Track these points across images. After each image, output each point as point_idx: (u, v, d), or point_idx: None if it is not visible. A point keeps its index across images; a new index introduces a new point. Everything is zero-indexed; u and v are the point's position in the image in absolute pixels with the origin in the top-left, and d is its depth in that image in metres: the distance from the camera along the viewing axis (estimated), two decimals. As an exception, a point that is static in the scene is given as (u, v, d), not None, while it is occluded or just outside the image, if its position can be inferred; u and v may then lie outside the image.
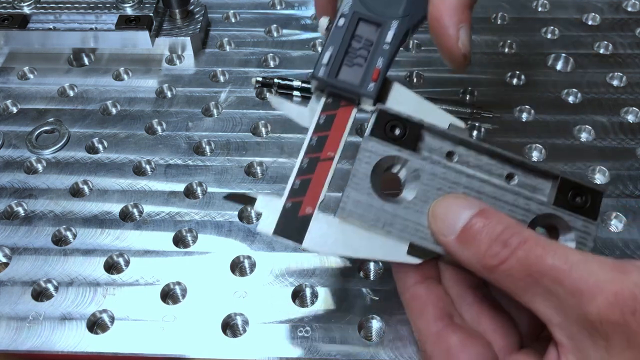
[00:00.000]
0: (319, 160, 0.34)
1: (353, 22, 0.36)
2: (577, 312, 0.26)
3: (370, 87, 0.35)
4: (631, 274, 0.26)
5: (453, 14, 0.34)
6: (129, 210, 0.47)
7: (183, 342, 0.39)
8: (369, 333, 0.40)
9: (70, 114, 0.53)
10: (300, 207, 0.33)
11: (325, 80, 0.35)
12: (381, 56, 0.35)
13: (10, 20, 0.56)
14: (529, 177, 0.33)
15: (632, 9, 0.63)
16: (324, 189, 0.34)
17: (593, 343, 0.26)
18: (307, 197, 0.34)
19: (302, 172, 0.34)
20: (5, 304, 0.41)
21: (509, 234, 0.28)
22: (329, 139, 0.35)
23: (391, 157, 0.33)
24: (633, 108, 0.53)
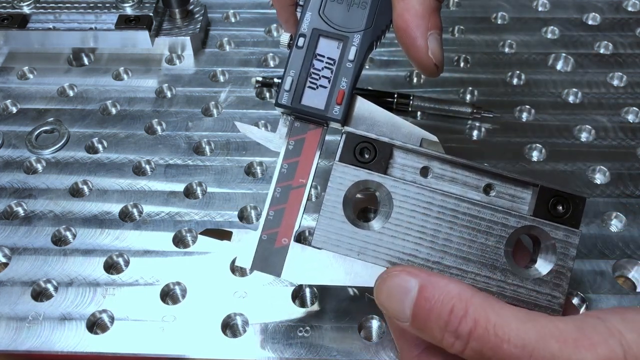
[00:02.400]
0: (291, 188, 0.34)
1: (313, 40, 0.34)
2: None
3: (335, 110, 0.34)
4: (596, 349, 0.25)
5: (420, 23, 0.33)
6: (129, 210, 0.47)
7: (183, 342, 0.39)
8: (369, 333, 0.40)
9: (70, 113, 0.53)
10: (276, 239, 0.33)
11: (289, 107, 0.34)
12: (345, 76, 0.34)
13: (10, 20, 0.56)
14: (508, 187, 0.33)
15: (633, 8, 0.63)
16: (298, 218, 0.34)
17: None
18: (282, 227, 0.33)
19: (275, 202, 0.34)
20: (4, 304, 0.41)
21: (457, 321, 0.27)
22: (299, 165, 0.34)
23: (363, 182, 0.33)
24: (633, 108, 0.53)
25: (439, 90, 0.55)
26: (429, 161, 0.33)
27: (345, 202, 0.32)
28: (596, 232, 0.44)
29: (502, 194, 0.33)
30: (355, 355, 0.38)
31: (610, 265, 0.43)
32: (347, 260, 0.32)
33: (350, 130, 0.33)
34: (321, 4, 0.34)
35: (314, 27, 0.34)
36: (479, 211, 0.32)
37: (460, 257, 0.32)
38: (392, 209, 0.32)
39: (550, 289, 0.31)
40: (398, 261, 0.32)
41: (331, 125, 0.35)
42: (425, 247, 0.32)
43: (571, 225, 0.32)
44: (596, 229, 0.45)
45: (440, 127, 0.52)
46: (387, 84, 0.55)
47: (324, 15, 0.34)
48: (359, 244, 0.32)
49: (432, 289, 0.28)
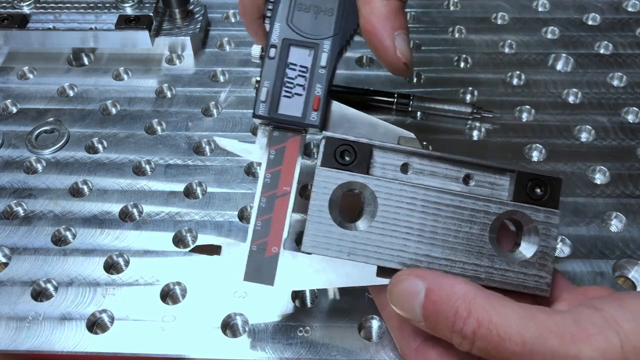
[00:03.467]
0: (276, 197, 0.34)
1: (284, 50, 0.35)
2: None
3: (313, 116, 0.34)
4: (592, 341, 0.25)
5: (386, 24, 0.33)
6: (129, 210, 0.47)
7: (183, 342, 0.39)
8: (369, 333, 0.40)
9: (70, 113, 0.53)
10: (266, 248, 0.34)
11: (267, 117, 0.34)
12: (318, 82, 0.34)
13: (10, 20, 0.56)
14: (487, 175, 0.34)
15: (633, 9, 0.63)
16: (285, 225, 0.34)
17: None
18: (271, 236, 0.34)
19: (261, 212, 0.34)
20: (4, 304, 0.41)
21: (461, 322, 0.28)
22: (282, 173, 0.35)
23: (346, 184, 0.33)
24: (633, 108, 0.53)
25: (439, 90, 0.55)
26: (408, 157, 0.34)
27: (331, 205, 0.33)
28: (596, 232, 0.44)
29: (482, 182, 0.34)
30: (355, 355, 0.38)
31: (610, 266, 0.43)
32: (338, 262, 0.33)
33: (329, 135, 0.33)
34: (288, 14, 0.35)
35: (284, 37, 0.35)
36: (461, 201, 0.33)
37: (447, 247, 0.33)
38: (377, 207, 0.33)
39: (537, 269, 0.33)
40: (388, 258, 0.32)
41: (310, 132, 0.35)
42: (413, 241, 0.33)
43: (550, 206, 0.33)
44: (596, 229, 0.45)
45: (440, 127, 0.52)
46: (387, 84, 0.55)
47: (292, 24, 0.35)
48: (348, 244, 0.33)
49: (438, 291, 0.29)
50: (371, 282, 0.33)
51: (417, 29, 0.61)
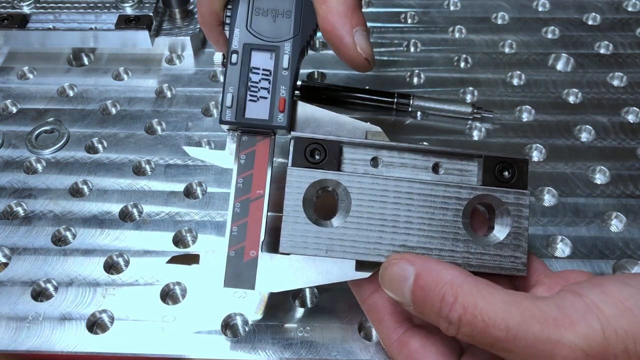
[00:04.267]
0: (250, 201, 0.35)
1: (246, 55, 0.35)
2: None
3: (280, 118, 0.35)
4: (574, 327, 0.26)
5: (344, 22, 0.34)
6: (129, 210, 0.46)
7: (183, 342, 0.39)
8: (369, 333, 0.40)
9: (69, 113, 0.53)
10: (244, 253, 0.34)
11: (234, 122, 0.35)
12: (283, 84, 0.35)
13: (10, 20, 0.56)
14: (455, 163, 0.34)
15: (633, 9, 0.62)
16: (262, 229, 0.34)
17: None
18: (248, 241, 0.34)
19: (236, 217, 0.34)
20: (4, 304, 0.41)
21: (447, 308, 0.28)
22: (254, 177, 0.35)
23: (318, 182, 0.33)
24: (633, 108, 0.53)
25: (439, 90, 0.55)
26: (377, 151, 0.34)
27: (305, 204, 0.33)
28: (596, 232, 0.44)
29: (450, 170, 0.34)
30: (355, 355, 0.38)
31: (611, 266, 0.42)
32: (316, 260, 0.33)
33: (297, 135, 0.34)
34: (247, 19, 0.36)
35: (245, 42, 0.35)
36: (432, 189, 0.33)
37: (422, 236, 0.33)
38: (350, 202, 0.33)
39: (512, 250, 0.33)
40: (365, 251, 0.33)
41: (278, 133, 0.35)
42: (389, 232, 0.33)
43: (519, 187, 0.33)
44: (596, 229, 0.45)
45: (440, 127, 0.52)
46: (387, 84, 0.55)
47: (252, 29, 0.36)
48: (325, 242, 0.33)
49: (426, 276, 0.29)
50: (351, 276, 0.33)
51: (417, 29, 0.61)
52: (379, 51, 0.58)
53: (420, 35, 0.60)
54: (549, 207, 0.46)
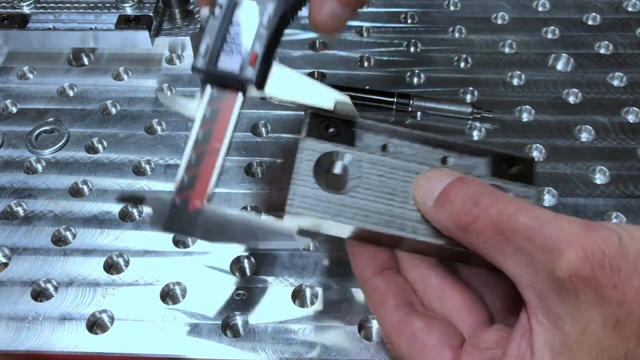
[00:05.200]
0: (206, 152, 0.35)
1: (229, 9, 0.36)
2: (547, 269, 0.26)
3: (249, 71, 0.34)
4: (600, 230, 0.26)
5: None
6: (129, 210, 0.46)
7: (183, 342, 0.39)
8: (369, 333, 0.40)
9: (69, 113, 0.53)
10: (189, 202, 0.34)
11: (204, 70, 0.35)
12: (258, 40, 0.35)
13: (10, 20, 0.56)
14: (464, 158, 0.35)
15: (633, 9, 0.62)
16: (212, 181, 0.34)
17: (562, 300, 0.26)
18: (196, 191, 0.34)
19: (190, 167, 0.34)
20: (4, 304, 0.41)
21: (482, 194, 0.28)
22: (215, 130, 0.35)
23: (330, 154, 0.34)
24: (633, 108, 0.53)
25: (439, 90, 0.55)
26: (389, 139, 0.35)
27: (315, 171, 0.33)
28: (596, 232, 0.44)
29: (459, 165, 0.34)
30: (355, 355, 0.38)
31: (611, 265, 0.42)
32: (259, 221, 0.33)
33: (314, 110, 0.34)
34: None
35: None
36: None
37: None
38: (361, 175, 0.33)
39: None
40: (374, 220, 0.32)
41: (249, 94, 0.35)
42: (397, 207, 0.33)
43: (527, 183, 0.34)
44: (596, 229, 0.45)
45: (440, 127, 0.52)
46: (387, 84, 0.55)
47: None
48: (333, 208, 0.32)
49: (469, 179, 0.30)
50: (291, 245, 0.33)
51: (417, 29, 0.61)
52: (379, 51, 0.58)
53: (420, 35, 0.60)
54: (549, 207, 0.46)
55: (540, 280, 0.26)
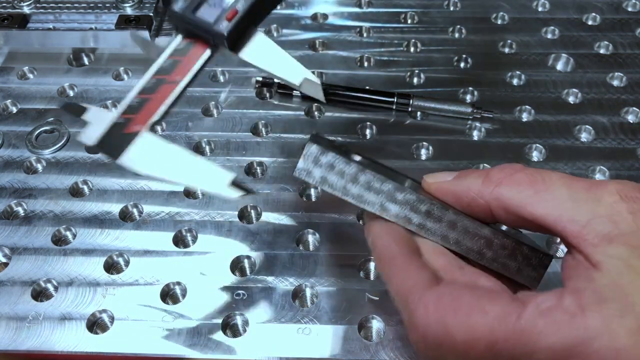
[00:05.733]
0: (164, 82, 0.34)
1: None
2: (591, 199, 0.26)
3: (223, 25, 0.33)
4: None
5: None
6: (129, 210, 0.47)
7: (183, 342, 0.39)
8: (369, 333, 0.40)
9: (70, 113, 0.53)
10: (129, 124, 0.32)
11: (178, 13, 0.34)
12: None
13: (10, 20, 0.56)
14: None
15: (632, 9, 0.63)
16: (160, 109, 0.33)
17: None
18: (140, 115, 0.33)
19: (144, 91, 0.33)
20: (4, 303, 0.41)
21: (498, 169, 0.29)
22: (181, 64, 0.34)
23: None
24: (633, 108, 0.53)
25: (439, 90, 0.55)
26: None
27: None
28: (596, 232, 0.44)
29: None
30: (355, 355, 0.38)
31: (610, 265, 0.42)
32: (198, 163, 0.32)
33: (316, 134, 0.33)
34: None
35: None
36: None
37: None
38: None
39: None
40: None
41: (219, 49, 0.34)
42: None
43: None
44: (596, 229, 0.45)
45: (440, 127, 0.52)
46: (387, 84, 0.55)
47: None
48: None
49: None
50: (221, 191, 0.31)
51: (417, 29, 0.61)
52: (379, 51, 0.58)
53: (420, 35, 0.60)
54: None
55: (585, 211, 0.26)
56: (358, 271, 0.42)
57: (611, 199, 0.26)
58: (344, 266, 0.43)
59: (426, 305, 0.26)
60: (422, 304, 0.26)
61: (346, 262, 0.43)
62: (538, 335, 0.24)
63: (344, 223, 0.45)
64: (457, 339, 0.25)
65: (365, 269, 0.43)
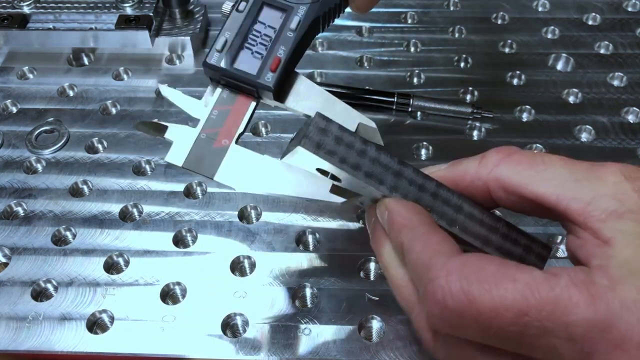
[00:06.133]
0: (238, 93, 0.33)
1: (256, 6, 0.32)
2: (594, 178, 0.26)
3: (268, 77, 0.31)
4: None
5: None
6: (129, 210, 0.46)
7: (183, 342, 0.39)
8: (369, 333, 0.40)
9: (70, 113, 0.53)
10: (216, 139, 0.31)
11: (217, 67, 0.32)
12: (284, 45, 0.32)
13: (10, 20, 0.56)
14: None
15: (633, 9, 0.63)
16: (243, 122, 0.32)
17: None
18: (225, 128, 0.31)
19: (221, 102, 0.32)
20: (4, 304, 0.41)
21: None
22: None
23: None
24: (633, 108, 0.53)
25: (439, 90, 0.55)
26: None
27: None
28: (596, 232, 0.44)
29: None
30: (355, 355, 0.38)
31: (611, 265, 0.42)
32: (291, 170, 0.31)
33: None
34: None
35: None
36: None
37: None
38: None
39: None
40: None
41: (264, 100, 0.33)
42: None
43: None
44: (596, 229, 0.45)
45: (440, 127, 0.52)
46: (387, 84, 0.55)
47: None
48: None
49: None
50: (324, 197, 0.31)
51: (417, 29, 0.61)
52: (379, 51, 0.58)
53: (420, 35, 0.60)
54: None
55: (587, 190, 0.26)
56: (358, 271, 0.42)
57: (614, 178, 0.26)
58: (344, 266, 0.43)
59: (449, 272, 0.25)
60: (444, 271, 0.25)
61: (346, 262, 0.43)
62: (574, 307, 0.23)
63: (344, 223, 0.45)
64: (483, 307, 0.24)
65: (365, 269, 0.43)
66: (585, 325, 0.23)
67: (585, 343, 0.23)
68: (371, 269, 0.43)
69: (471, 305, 0.24)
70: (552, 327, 0.23)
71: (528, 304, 0.23)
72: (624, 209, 0.25)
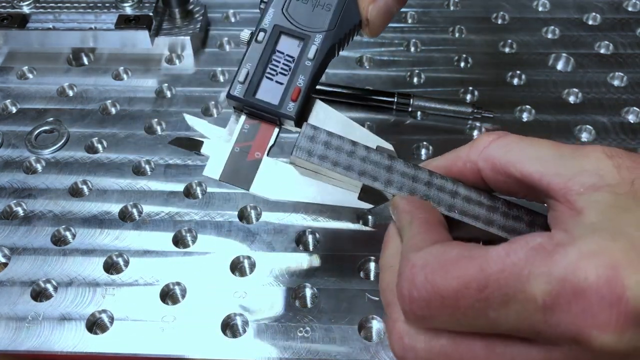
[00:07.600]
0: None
1: (274, 36, 0.34)
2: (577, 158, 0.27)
3: (289, 107, 0.33)
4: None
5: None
6: (129, 210, 0.46)
7: (183, 342, 0.39)
8: (369, 333, 0.40)
9: (69, 113, 0.53)
10: (249, 152, 0.33)
11: (241, 99, 0.33)
12: (302, 74, 0.33)
13: (9, 20, 0.56)
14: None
15: (633, 8, 0.62)
16: (273, 134, 0.33)
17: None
18: (257, 141, 0.33)
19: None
20: (4, 304, 0.41)
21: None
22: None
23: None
24: (634, 108, 0.53)
25: (439, 90, 0.55)
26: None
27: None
28: (596, 232, 0.44)
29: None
30: (355, 355, 0.38)
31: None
32: (320, 180, 0.33)
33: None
34: (285, 1, 0.35)
35: (276, 23, 0.34)
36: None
37: None
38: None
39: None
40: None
41: (285, 127, 0.34)
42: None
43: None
44: (596, 229, 0.44)
45: (440, 127, 0.52)
46: (387, 84, 0.55)
47: (287, 13, 0.34)
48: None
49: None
50: (352, 204, 0.33)
51: (417, 29, 0.61)
52: (379, 51, 0.58)
53: (420, 35, 0.60)
54: (549, 207, 0.46)
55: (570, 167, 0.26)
56: (358, 271, 0.42)
57: (596, 155, 0.26)
58: (344, 266, 0.43)
59: (413, 265, 0.25)
60: (410, 265, 0.25)
61: (346, 262, 0.43)
62: (531, 267, 0.23)
63: (344, 223, 0.45)
64: (446, 291, 0.24)
65: (365, 269, 0.43)
66: (543, 280, 0.23)
67: (546, 298, 0.22)
68: (371, 269, 0.43)
69: (435, 291, 0.24)
70: (512, 292, 0.23)
71: (486, 276, 0.23)
72: (603, 182, 0.25)
